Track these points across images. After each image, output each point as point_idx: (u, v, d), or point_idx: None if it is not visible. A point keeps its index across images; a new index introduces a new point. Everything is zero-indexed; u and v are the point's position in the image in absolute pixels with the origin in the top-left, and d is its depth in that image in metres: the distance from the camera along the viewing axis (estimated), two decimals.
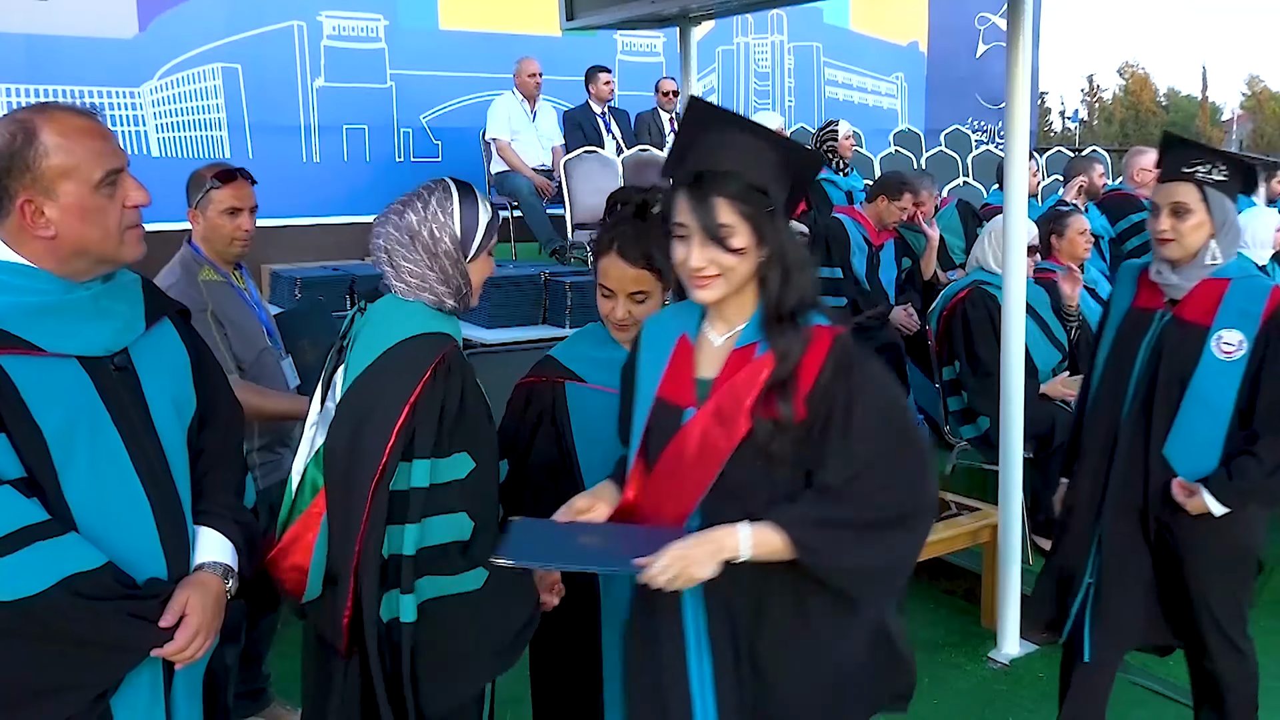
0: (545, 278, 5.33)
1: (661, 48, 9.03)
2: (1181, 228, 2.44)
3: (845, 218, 5.25)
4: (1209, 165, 2.45)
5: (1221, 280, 2.48)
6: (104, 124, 1.64)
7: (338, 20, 7.56)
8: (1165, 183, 2.49)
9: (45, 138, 1.54)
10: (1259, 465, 2.42)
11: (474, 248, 1.90)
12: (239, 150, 7.16)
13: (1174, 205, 2.45)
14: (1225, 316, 2.44)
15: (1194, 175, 2.44)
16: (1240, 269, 2.53)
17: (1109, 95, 51.87)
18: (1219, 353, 2.43)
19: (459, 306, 1.92)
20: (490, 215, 1.94)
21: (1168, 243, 2.46)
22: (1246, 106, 48.94)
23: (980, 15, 11.06)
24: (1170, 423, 2.50)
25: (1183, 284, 2.50)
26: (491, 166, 7.21)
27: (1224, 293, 2.46)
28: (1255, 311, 2.43)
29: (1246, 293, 2.46)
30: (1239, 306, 2.44)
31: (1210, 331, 2.44)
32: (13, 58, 6.44)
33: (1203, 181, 2.44)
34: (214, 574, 1.71)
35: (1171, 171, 2.49)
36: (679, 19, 4.27)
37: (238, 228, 2.81)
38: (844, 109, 9.94)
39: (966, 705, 3.40)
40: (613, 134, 7.51)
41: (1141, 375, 2.55)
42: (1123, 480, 2.59)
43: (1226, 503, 2.44)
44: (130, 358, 1.67)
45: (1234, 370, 2.44)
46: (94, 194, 1.58)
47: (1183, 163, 2.47)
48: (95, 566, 1.54)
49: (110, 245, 1.62)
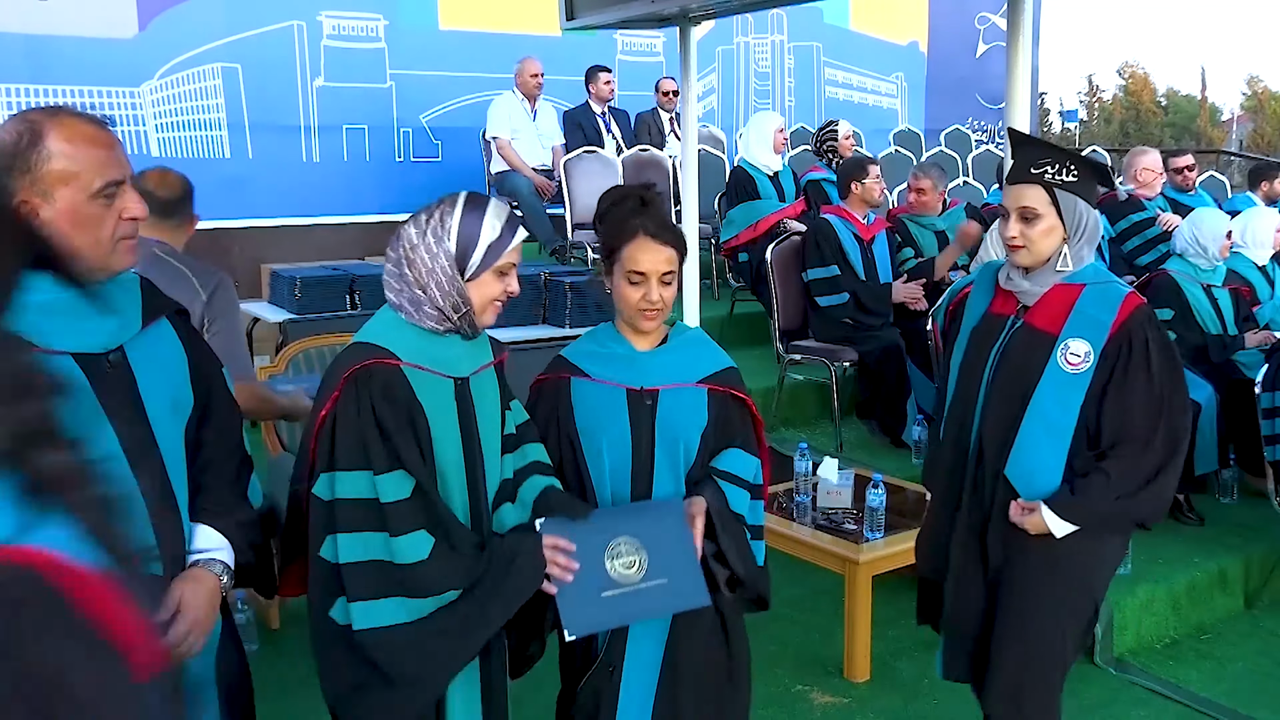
0: (545, 278, 5.34)
1: (661, 48, 9.03)
2: (1031, 233, 2.26)
3: (832, 217, 5.24)
4: (1057, 166, 2.25)
5: (1074, 286, 2.30)
6: (113, 133, 1.65)
7: (338, 20, 7.56)
8: (1012, 185, 2.30)
9: (51, 143, 1.56)
10: (1107, 484, 2.22)
11: (472, 266, 1.87)
12: (239, 150, 7.15)
13: (1021, 210, 2.26)
14: (1074, 325, 2.26)
15: (1042, 177, 2.25)
16: (1096, 274, 2.34)
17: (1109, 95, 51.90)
18: (1064, 364, 2.25)
19: (458, 328, 1.91)
20: (496, 234, 1.88)
21: (1018, 249, 2.28)
22: (1246, 107, 48.93)
23: (980, 15, 11.05)
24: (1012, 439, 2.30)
25: (1034, 290, 2.32)
26: (491, 166, 7.21)
27: (1075, 300, 2.28)
28: (1106, 320, 2.25)
29: (1098, 300, 2.28)
30: (1089, 314, 2.26)
31: (1058, 341, 2.27)
32: (13, 58, 6.44)
33: (1051, 184, 2.25)
34: (209, 570, 1.72)
35: (1018, 173, 2.29)
36: (679, 19, 4.27)
37: None
38: (844, 109, 9.94)
39: (966, 705, 3.39)
40: (612, 134, 7.51)
41: (990, 385, 2.36)
42: (969, 501, 2.39)
43: (1068, 519, 2.24)
44: (126, 356, 1.68)
45: (1079, 383, 2.25)
46: (90, 202, 1.59)
47: (1030, 163, 2.27)
48: None
49: (100, 254, 1.62)
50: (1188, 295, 4.65)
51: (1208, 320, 4.65)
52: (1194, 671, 3.60)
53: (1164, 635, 3.84)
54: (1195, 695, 3.43)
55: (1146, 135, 43.53)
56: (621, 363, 2.14)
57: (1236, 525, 4.35)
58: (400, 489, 1.82)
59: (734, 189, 6.46)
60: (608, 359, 2.15)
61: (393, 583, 1.81)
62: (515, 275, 1.94)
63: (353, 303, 5.22)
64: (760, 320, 6.01)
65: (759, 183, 6.34)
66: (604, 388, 2.12)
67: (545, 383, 2.20)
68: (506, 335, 4.85)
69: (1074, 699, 3.42)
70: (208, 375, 1.85)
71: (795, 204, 6.40)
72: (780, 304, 5.30)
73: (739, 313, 6.49)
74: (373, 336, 1.90)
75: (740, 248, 6.28)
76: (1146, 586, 3.83)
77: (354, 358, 1.87)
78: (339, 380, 1.84)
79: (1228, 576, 4.04)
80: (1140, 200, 6.06)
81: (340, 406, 1.83)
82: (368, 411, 1.82)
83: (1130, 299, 2.28)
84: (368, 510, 1.81)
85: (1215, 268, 4.70)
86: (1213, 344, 4.61)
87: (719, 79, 9.52)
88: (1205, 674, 3.59)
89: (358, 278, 5.31)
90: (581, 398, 2.14)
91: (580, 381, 2.15)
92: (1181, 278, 4.68)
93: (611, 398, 2.11)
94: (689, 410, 2.14)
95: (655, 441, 2.12)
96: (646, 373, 2.14)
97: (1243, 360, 4.55)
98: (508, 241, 1.90)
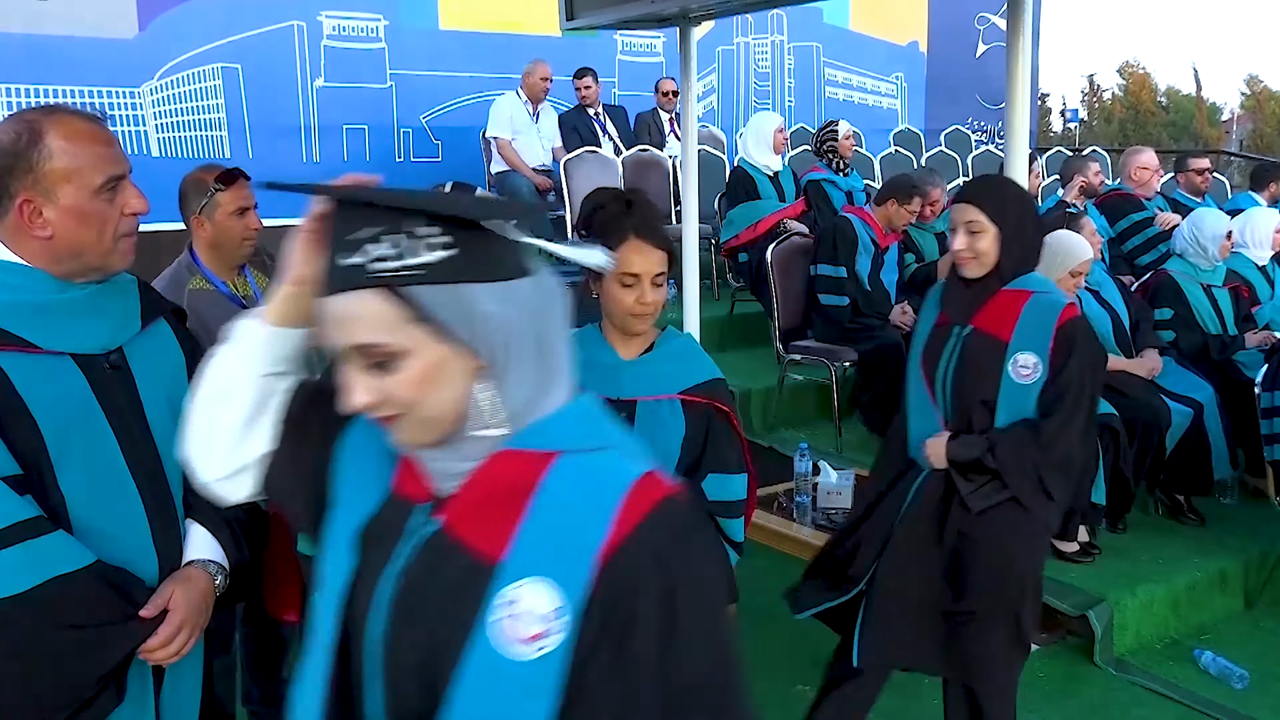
0: None
1: (661, 48, 9.03)
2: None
3: (854, 218, 5.25)
4: None
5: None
6: (109, 130, 1.65)
7: (338, 20, 7.56)
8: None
9: (50, 140, 1.56)
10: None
11: None
12: (239, 150, 7.16)
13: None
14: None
15: None
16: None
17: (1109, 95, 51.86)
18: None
19: None
20: None
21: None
22: (1246, 106, 48.90)
23: (980, 15, 11.05)
24: None
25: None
26: (492, 166, 7.21)
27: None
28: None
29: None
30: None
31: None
32: (13, 58, 6.44)
33: None
34: (203, 570, 1.72)
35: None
36: (679, 19, 4.26)
37: (246, 227, 2.80)
38: (844, 109, 9.94)
39: None
40: (609, 134, 7.50)
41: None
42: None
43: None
44: (125, 356, 1.69)
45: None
46: (93, 199, 1.60)
47: None
48: (83, 565, 1.55)
49: (103, 250, 1.63)
50: (1188, 295, 4.65)
51: (1208, 320, 4.65)
52: (1194, 671, 3.60)
53: (1164, 635, 3.84)
54: (1195, 695, 3.43)
55: (1146, 135, 43.52)
56: (604, 372, 2.10)
57: (1236, 525, 4.34)
58: None
59: (734, 189, 6.46)
60: (590, 368, 2.11)
61: None
62: None
63: None
64: (760, 320, 6.01)
65: (759, 183, 6.34)
66: None
67: None
68: None
69: (1074, 699, 3.42)
70: None
71: (795, 204, 6.40)
72: (780, 304, 5.30)
73: (739, 313, 6.49)
74: None
75: (740, 248, 6.28)
76: (1146, 586, 3.83)
77: None
78: None
79: (1228, 576, 4.04)
80: (1140, 199, 6.05)
81: None
82: None
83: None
84: None
85: (1215, 268, 4.70)
86: (1213, 344, 4.61)
87: (719, 79, 9.52)
88: (1205, 674, 3.59)
89: None
90: None
91: None
92: (1181, 278, 4.68)
93: None
94: (666, 422, 2.12)
95: None
96: (626, 383, 2.12)
97: (1243, 360, 4.55)
98: None
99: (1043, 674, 3.53)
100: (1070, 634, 3.76)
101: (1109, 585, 3.82)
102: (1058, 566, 4.00)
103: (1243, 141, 39.63)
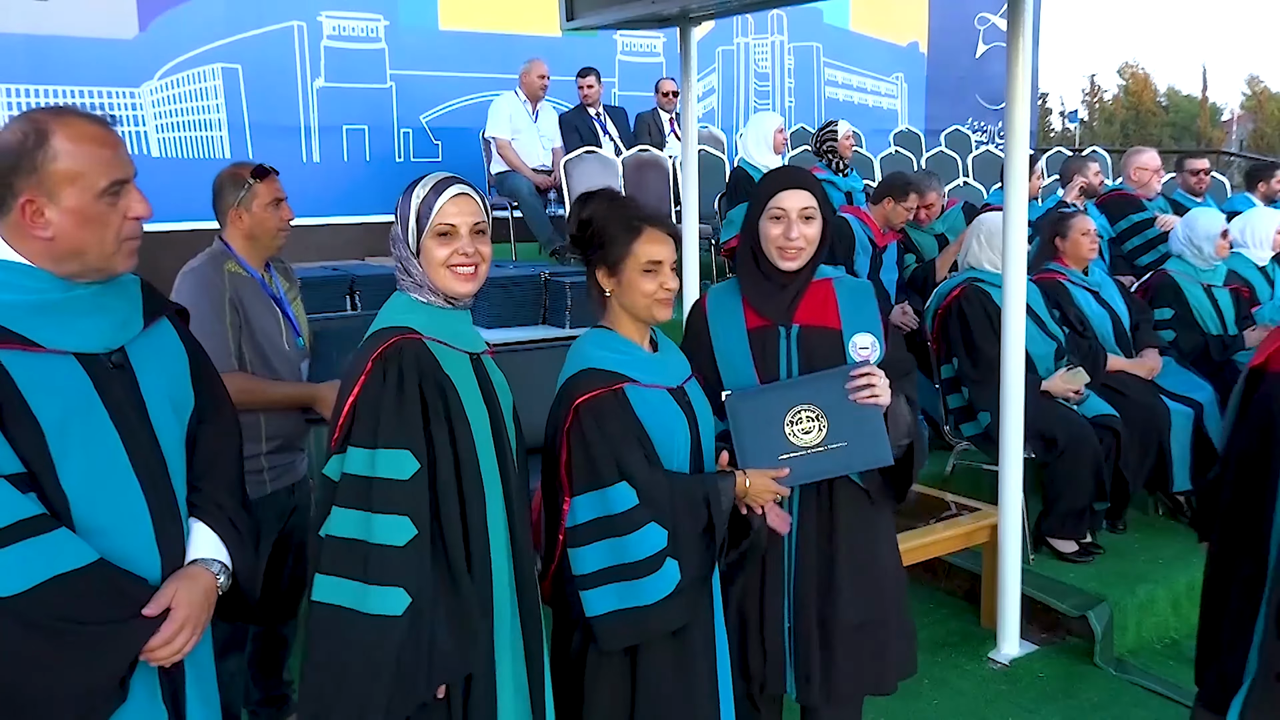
0: (545, 278, 5.34)
1: (661, 48, 9.03)
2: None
3: (851, 218, 5.25)
4: None
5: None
6: (115, 133, 1.66)
7: (338, 20, 7.57)
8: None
9: (56, 142, 1.57)
10: None
11: (411, 236, 1.90)
12: (239, 150, 7.16)
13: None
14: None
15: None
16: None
17: (1109, 95, 51.87)
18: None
19: (438, 296, 1.93)
20: (421, 199, 1.88)
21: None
22: (1247, 106, 48.91)
23: (980, 15, 11.06)
24: None
25: None
26: (491, 166, 7.21)
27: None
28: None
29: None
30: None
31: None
32: (13, 58, 6.44)
33: None
34: (206, 569, 1.72)
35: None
36: (679, 19, 4.27)
37: (281, 218, 2.89)
38: (844, 109, 9.94)
39: (966, 705, 3.39)
40: (609, 134, 7.51)
41: None
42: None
43: None
44: (127, 356, 1.69)
45: None
46: (96, 202, 1.60)
47: None
48: (86, 563, 1.55)
49: (105, 253, 1.63)
50: (1188, 295, 4.65)
51: (1208, 320, 4.65)
52: (1194, 671, 3.60)
53: (1164, 635, 3.84)
54: None
55: (1147, 135, 43.54)
56: (650, 364, 2.17)
57: None
58: (403, 469, 1.81)
59: (734, 189, 6.45)
60: (637, 363, 2.16)
61: None
62: (469, 235, 1.90)
63: (353, 303, 5.22)
64: None
65: None
66: (653, 391, 2.14)
67: (600, 398, 2.10)
68: (507, 336, 4.85)
69: (1074, 699, 3.42)
70: (208, 375, 1.86)
71: None
72: None
73: None
74: (389, 321, 1.92)
75: None
76: (1146, 586, 3.84)
77: (379, 340, 1.88)
78: (367, 361, 1.84)
79: None
80: (1140, 200, 6.05)
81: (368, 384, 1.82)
82: (412, 385, 1.83)
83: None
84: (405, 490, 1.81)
85: (1215, 268, 4.70)
86: (1213, 344, 4.61)
87: (719, 79, 9.52)
88: None
89: (358, 278, 5.31)
90: (640, 404, 2.12)
91: (632, 388, 2.13)
92: (1181, 278, 4.68)
93: (662, 399, 2.14)
94: (704, 400, 2.25)
95: (699, 433, 2.20)
96: (668, 371, 2.21)
97: (1243, 360, 4.54)
98: (432, 202, 1.89)
99: (1043, 674, 3.53)
100: (1070, 634, 3.76)
101: (1109, 585, 3.82)
102: (1058, 566, 4.00)
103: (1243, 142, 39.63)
